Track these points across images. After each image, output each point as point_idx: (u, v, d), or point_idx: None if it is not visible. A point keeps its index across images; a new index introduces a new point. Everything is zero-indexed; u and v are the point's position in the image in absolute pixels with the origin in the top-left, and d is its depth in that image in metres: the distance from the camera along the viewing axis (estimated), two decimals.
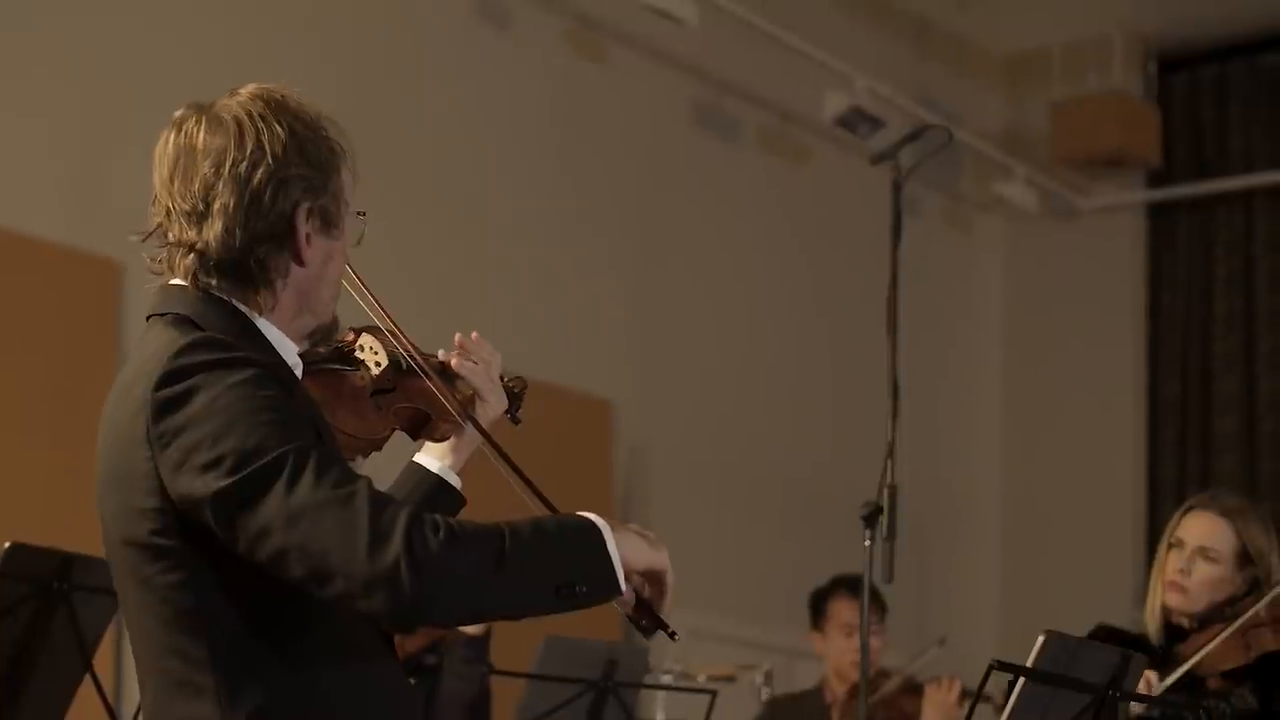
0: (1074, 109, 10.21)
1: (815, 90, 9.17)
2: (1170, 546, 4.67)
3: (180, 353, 2.49)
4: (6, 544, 4.18)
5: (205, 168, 2.59)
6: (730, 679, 6.99)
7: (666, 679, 6.68)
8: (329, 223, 2.65)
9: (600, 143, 8.78)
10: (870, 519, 5.08)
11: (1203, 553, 4.61)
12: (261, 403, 2.45)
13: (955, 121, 9.20)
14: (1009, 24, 10.33)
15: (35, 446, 6.49)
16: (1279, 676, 4.51)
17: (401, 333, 2.87)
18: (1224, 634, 4.46)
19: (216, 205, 2.57)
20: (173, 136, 2.67)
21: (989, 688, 4.13)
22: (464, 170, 8.16)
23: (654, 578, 2.58)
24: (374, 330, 2.89)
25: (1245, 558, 4.62)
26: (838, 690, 6.74)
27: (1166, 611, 4.64)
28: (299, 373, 2.67)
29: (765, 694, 7.11)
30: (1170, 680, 4.39)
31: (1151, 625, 4.65)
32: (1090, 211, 10.53)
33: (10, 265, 6.59)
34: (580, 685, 5.13)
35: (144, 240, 2.66)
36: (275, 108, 2.64)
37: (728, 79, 9.31)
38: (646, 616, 2.59)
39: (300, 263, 2.62)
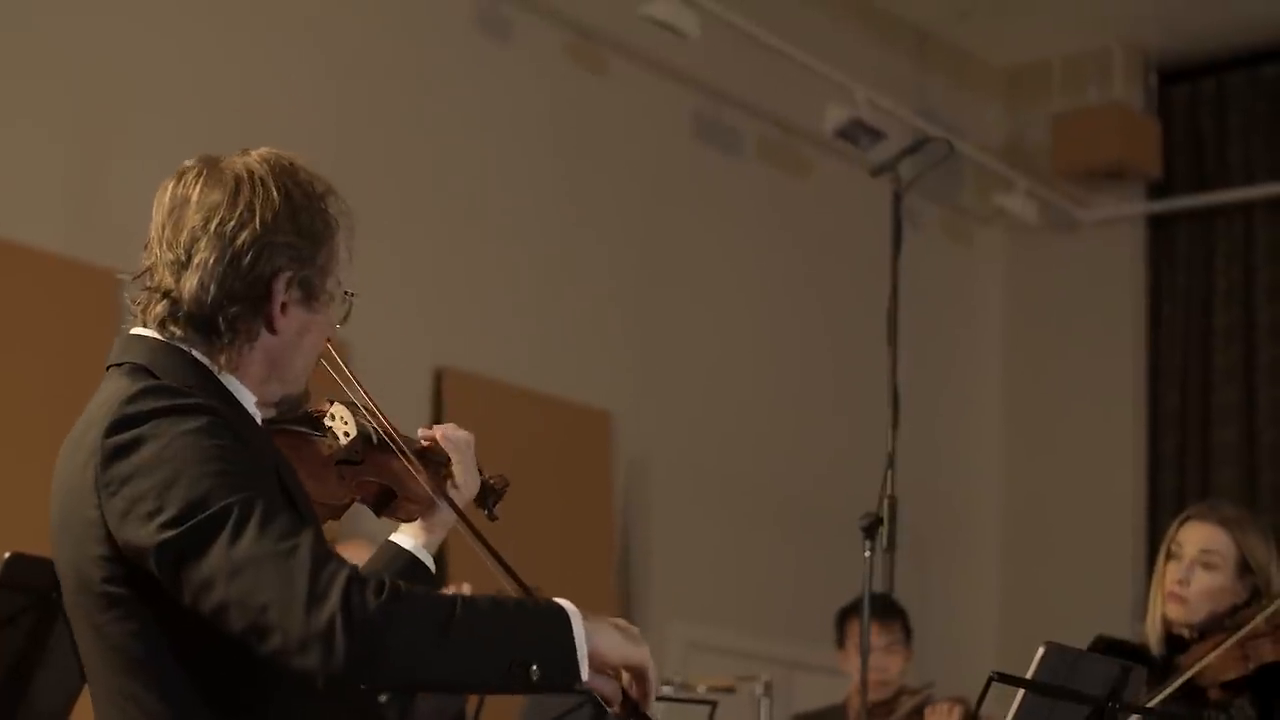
0: (1074, 121, 10.22)
1: (816, 102, 9.17)
2: (1169, 557, 4.65)
3: (132, 399, 2.49)
4: (6, 554, 4.18)
5: (195, 220, 2.58)
6: (730, 690, 6.97)
7: (666, 690, 6.66)
8: (310, 295, 2.62)
9: (601, 154, 8.78)
10: (870, 530, 5.08)
11: (1202, 562, 4.60)
12: (211, 452, 2.43)
13: (956, 134, 9.21)
14: (1009, 36, 10.34)
15: (34, 457, 6.46)
16: (1278, 688, 4.50)
17: (379, 411, 2.84)
18: (1224, 646, 4.45)
19: (197, 259, 2.56)
20: (173, 185, 2.64)
21: (991, 710, 4.12)
22: (464, 181, 8.16)
23: (638, 674, 2.51)
24: (349, 404, 2.87)
25: (1245, 567, 4.60)
26: (858, 707, 6.73)
27: (1167, 623, 4.63)
28: (259, 420, 2.65)
29: (765, 705, 7.11)
30: (1169, 691, 4.39)
31: (1152, 636, 4.64)
32: (1090, 223, 10.54)
33: (10, 275, 6.60)
34: (580, 697, 5.12)
35: (133, 280, 2.66)
36: (278, 173, 2.62)
37: (728, 91, 9.32)
38: (633, 715, 2.51)
39: (272, 330, 2.60)
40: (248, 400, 2.62)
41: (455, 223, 8.10)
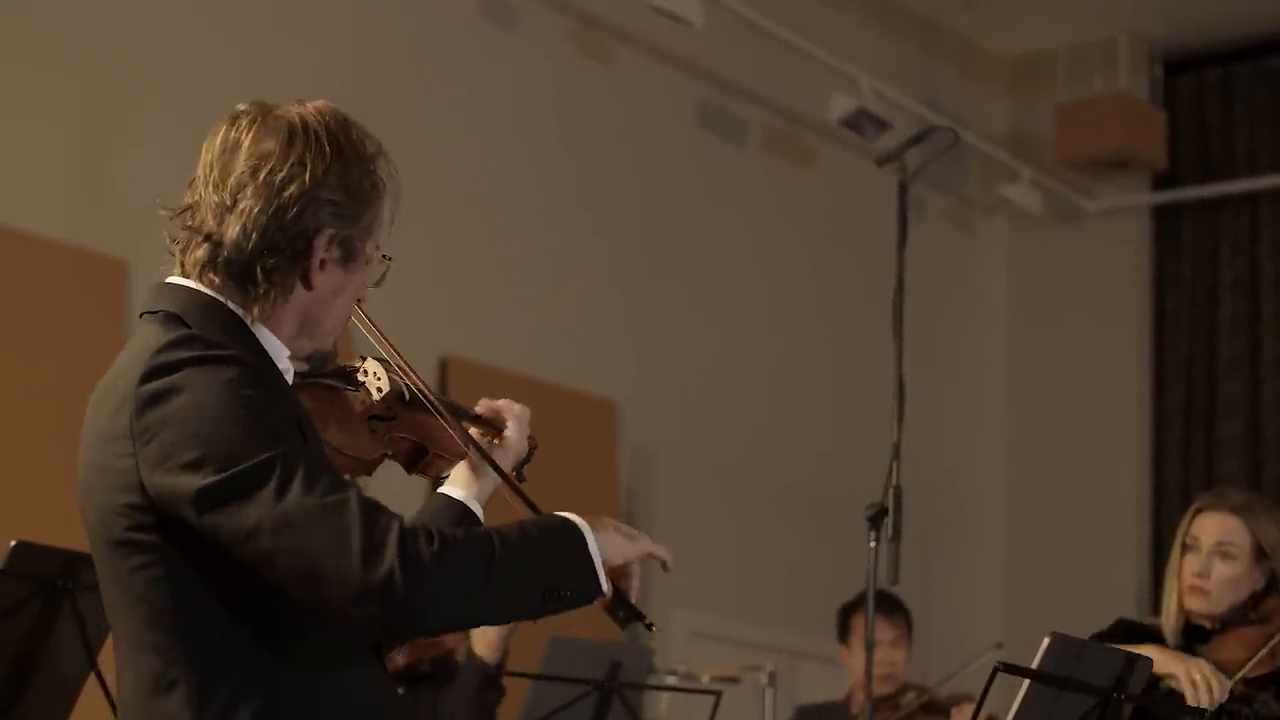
0: (1079, 111, 10.21)
1: (821, 91, 9.17)
2: (1185, 549, 4.64)
3: (166, 348, 2.48)
4: (11, 543, 4.18)
5: (244, 166, 2.57)
6: (734, 680, 6.98)
7: (671, 680, 6.68)
8: (350, 255, 2.62)
9: (605, 143, 8.78)
10: (875, 520, 5.07)
11: (1219, 552, 4.59)
12: (248, 401, 2.44)
13: (961, 123, 9.20)
14: (1015, 26, 10.33)
15: (40, 445, 6.49)
16: None
17: (411, 370, 2.85)
18: (1260, 653, 4.44)
19: (242, 205, 2.55)
20: (225, 128, 2.62)
21: (997, 709, 4.12)
22: (469, 170, 8.16)
23: (622, 570, 2.65)
24: (382, 361, 2.88)
25: (1260, 552, 4.60)
26: (862, 703, 6.73)
27: (1187, 614, 4.62)
28: (290, 378, 2.65)
29: (769, 695, 7.11)
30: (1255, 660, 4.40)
31: (1169, 628, 4.62)
32: (1095, 213, 10.53)
33: (15, 263, 6.60)
34: (585, 686, 5.13)
35: (173, 216, 2.66)
36: (333, 128, 2.62)
37: (733, 80, 9.31)
38: (623, 607, 2.63)
39: (308, 286, 2.60)
40: (280, 354, 2.61)
41: (460, 211, 8.10)
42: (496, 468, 2.85)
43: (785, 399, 9.44)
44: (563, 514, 2.58)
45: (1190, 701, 4.30)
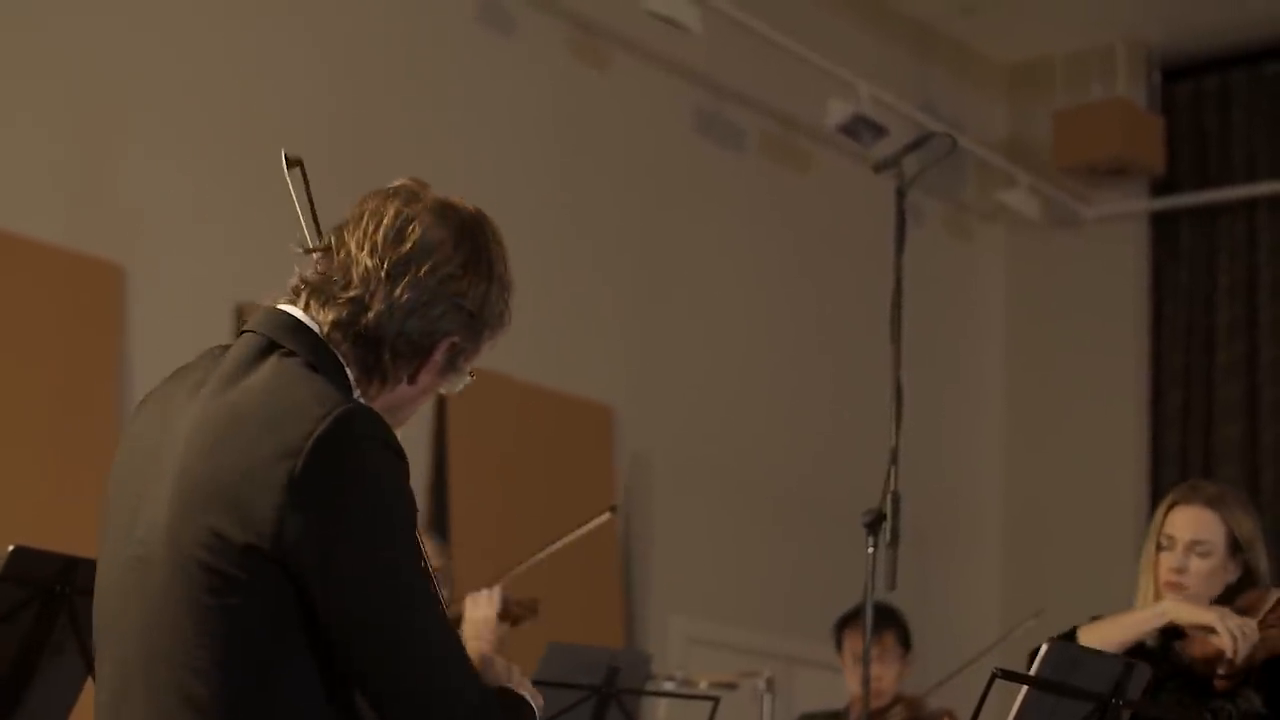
0: (1077, 117, 10.21)
1: (818, 97, 9.17)
2: (1160, 547, 4.65)
3: (354, 417, 2.44)
4: (9, 547, 4.17)
5: (414, 250, 2.56)
6: (732, 686, 6.98)
7: (669, 686, 6.68)
8: (452, 366, 2.65)
9: (602, 149, 8.78)
10: (873, 526, 5.07)
11: (1196, 548, 4.59)
12: (409, 511, 2.46)
13: (958, 129, 9.20)
14: (1013, 32, 10.34)
15: (38, 450, 6.49)
16: None
17: None
18: (1243, 651, 4.43)
19: (398, 286, 2.54)
20: (401, 203, 2.61)
21: (993, 708, 4.11)
22: (465, 175, 8.14)
23: None
24: None
25: (1235, 545, 4.60)
26: (858, 714, 6.74)
27: None
28: None
29: (767, 701, 7.12)
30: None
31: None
32: (1093, 220, 10.54)
33: (12, 268, 6.59)
34: (583, 691, 5.12)
35: (309, 254, 2.61)
36: (493, 244, 2.68)
37: (730, 86, 9.31)
38: None
39: (414, 381, 2.61)
40: None
41: None
42: None
43: (783, 404, 9.43)
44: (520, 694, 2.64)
45: (1229, 653, 4.31)
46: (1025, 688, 3.99)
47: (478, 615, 5.34)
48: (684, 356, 9.02)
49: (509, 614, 5.42)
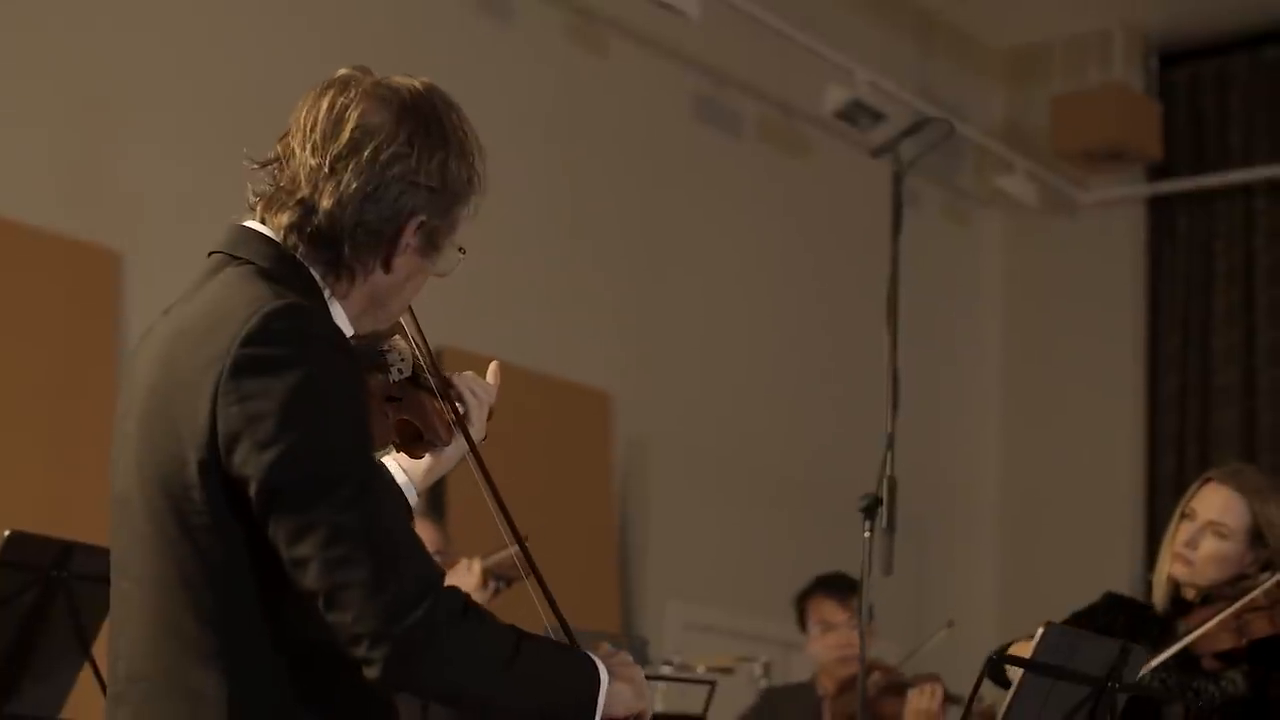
0: (1075, 103, 10.20)
1: (816, 83, 9.17)
2: (1182, 517, 4.64)
3: (279, 314, 2.40)
4: (6, 532, 4.18)
5: (351, 136, 2.51)
6: (729, 670, 6.99)
7: (666, 670, 6.68)
8: (431, 244, 2.59)
9: (601, 135, 8.78)
10: (870, 511, 5.08)
11: (1213, 527, 4.59)
12: (351, 403, 2.40)
13: (956, 115, 9.20)
14: (1010, 17, 10.33)
15: (34, 436, 6.49)
16: (1272, 662, 4.50)
17: (428, 349, 2.81)
18: (1219, 618, 4.45)
19: (343, 177, 2.50)
20: (334, 92, 2.57)
21: (979, 692, 4.11)
22: None
23: None
24: (403, 334, 2.82)
25: (1258, 538, 4.59)
26: (827, 684, 6.75)
27: (1173, 581, 4.63)
28: None
29: (764, 685, 7.13)
30: (1162, 658, 4.39)
31: (1159, 592, 4.64)
32: (1090, 205, 10.54)
33: (8, 254, 6.58)
34: None
35: (258, 168, 2.58)
36: (442, 112, 2.59)
37: (729, 72, 9.31)
38: None
39: (388, 269, 2.56)
40: (346, 332, 2.56)
41: None
42: (480, 463, 2.80)
43: (780, 390, 9.44)
44: (592, 655, 2.55)
45: None
46: (1022, 671, 3.99)
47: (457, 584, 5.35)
48: (682, 342, 9.02)
49: (487, 583, 5.44)
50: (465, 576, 5.40)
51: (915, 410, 6.18)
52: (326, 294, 2.54)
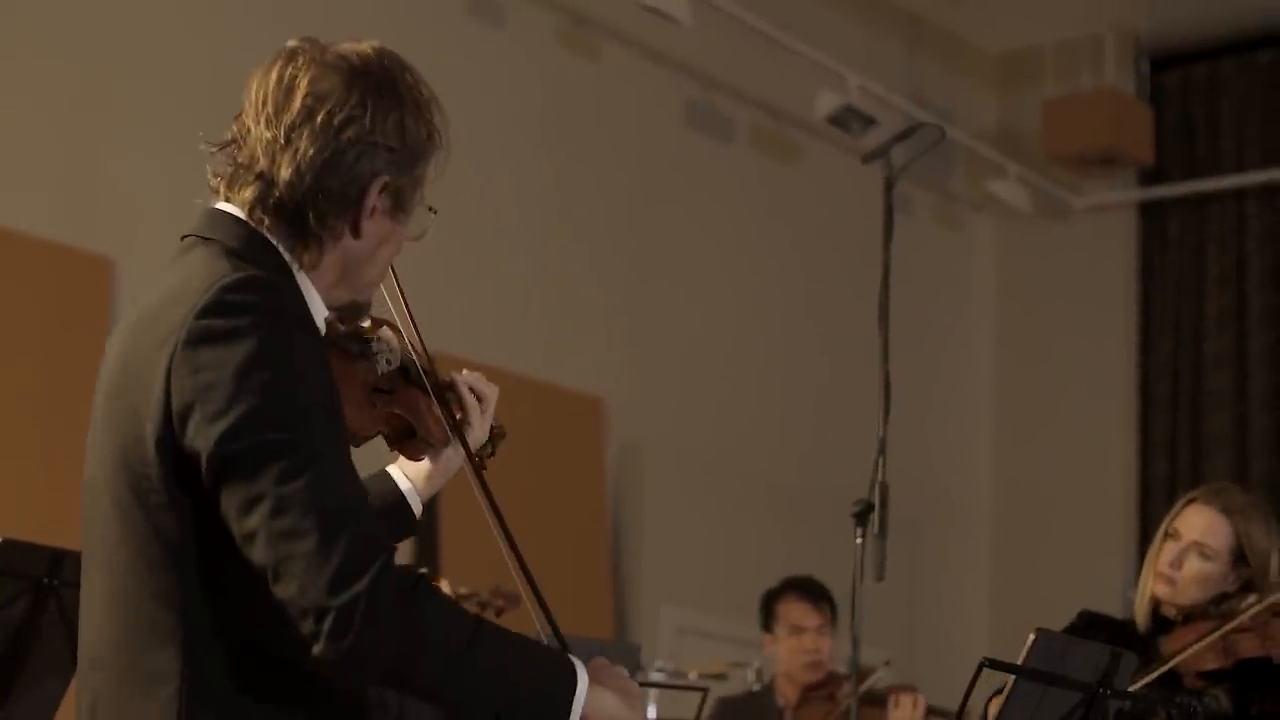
0: (1066, 107, 10.21)
1: (807, 88, 9.17)
2: (1166, 536, 4.65)
3: (235, 286, 2.37)
4: None
5: (301, 104, 2.49)
6: (721, 676, 6.99)
7: (658, 676, 6.68)
8: (399, 206, 2.56)
9: (592, 140, 8.78)
10: (861, 516, 5.07)
11: (1197, 549, 4.59)
12: (299, 374, 2.35)
13: (948, 120, 9.21)
14: (1002, 22, 10.34)
15: (26, 443, 6.48)
16: (1256, 682, 4.50)
17: (423, 344, 2.77)
18: (1208, 639, 4.45)
19: (297, 145, 2.47)
20: (281, 63, 2.54)
21: (980, 697, 4.12)
22: (454, 167, 8.12)
23: None
24: (394, 327, 2.79)
25: (1241, 557, 4.59)
26: (788, 692, 6.68)
27: (1155, 600, 4.64)
28: (322, 329, 2.57)
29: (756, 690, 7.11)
30: (1150, 678, 4.39)
31: (1140, 611, 4.64)
32: (1082, 209, 10.54)
33: (0, 262, 6.58)
34: None
35: (217, 150, 2.57)
36: (394, 72, 2.57)
37: (720, 77, 9.31)
38: None
39: (356, 234, 2.52)
40: (318, 308, 2.54)
41: (446, 207, 8.06)
42: (474, 462, 2.79)
43: (772, 395, 9.44)
44: (575, 659, 2.46)
45: None
46: (1013, 677, 4.00)
47: None
48: (674, 347, 9.03)
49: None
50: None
51: (908, 415, 6.18)
52: (295, 268, 2.51)
